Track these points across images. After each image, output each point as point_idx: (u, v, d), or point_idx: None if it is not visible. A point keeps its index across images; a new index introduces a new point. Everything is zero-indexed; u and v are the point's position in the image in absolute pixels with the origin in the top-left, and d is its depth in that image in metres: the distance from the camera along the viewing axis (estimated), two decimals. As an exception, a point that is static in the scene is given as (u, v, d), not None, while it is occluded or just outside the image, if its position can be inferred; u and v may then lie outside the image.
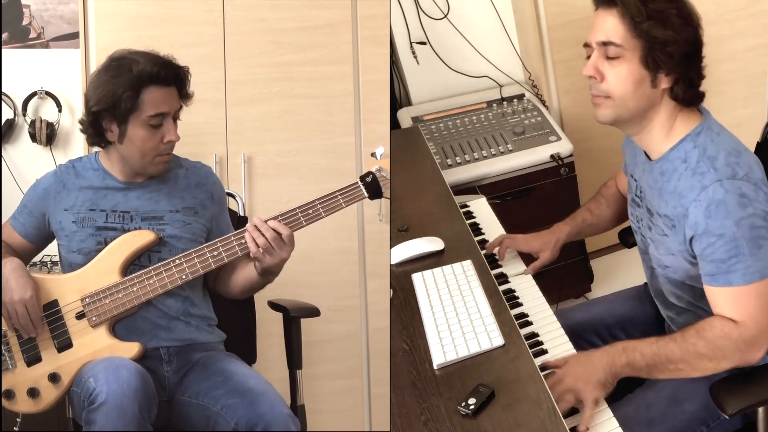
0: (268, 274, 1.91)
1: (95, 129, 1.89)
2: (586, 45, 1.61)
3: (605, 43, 1.55)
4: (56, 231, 1.94)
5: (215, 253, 1.87)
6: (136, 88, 1.82)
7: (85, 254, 1.89)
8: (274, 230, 1.82)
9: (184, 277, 1.86)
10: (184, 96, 1.92)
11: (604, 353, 1.56)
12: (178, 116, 1.92)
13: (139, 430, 1.65)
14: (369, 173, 1.90)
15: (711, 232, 1.50)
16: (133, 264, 1.89)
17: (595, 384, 1.50)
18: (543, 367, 1.60)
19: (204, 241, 1.96)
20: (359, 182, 1.90)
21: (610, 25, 1.54)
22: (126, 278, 1.86)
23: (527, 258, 2.04)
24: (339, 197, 1.89)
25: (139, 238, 1.89)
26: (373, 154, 1.94)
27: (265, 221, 1.84)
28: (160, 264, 1.86)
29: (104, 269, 1.87)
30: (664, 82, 1.56)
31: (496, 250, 2.06)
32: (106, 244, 1.89)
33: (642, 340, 1.57)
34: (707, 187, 1.50)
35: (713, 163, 1.52)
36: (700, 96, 1.60)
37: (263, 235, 1.82)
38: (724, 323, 1.53)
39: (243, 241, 1.86)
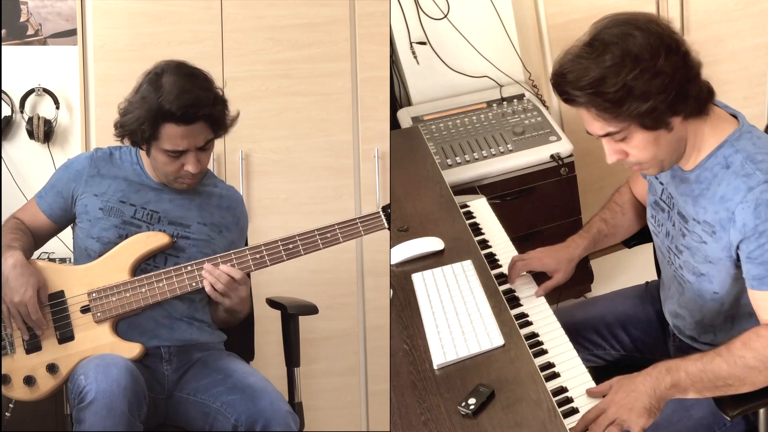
0: (234, 312, 1.93)
1: (129, 139, 1.88)
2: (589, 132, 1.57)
3: (606, 134, 1.51)
4: (79, 213, 1.92)
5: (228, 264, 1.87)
6: (154, 124, 1.77)
7: (104, 243, 1.88)
8: (228, 274, 1.83)
9: (194, 284, 1.86)
10: (218, 129, 1.86)
11: (647, 376, 1.48)
12: (207, 147, 1.85)
13: (128, 429, 1.65)
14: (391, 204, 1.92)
15: (762, 233, 1.46)
16: (146, 263, 1.88)
17: (640, 411, 1.44)
18: (589, 394, 1.54)
19: None
20: (380, 212, 1.91)
21: (594, 119, 1.49)
22: (135, 278, 1.85)
23: (537, 275, 1.97)
24: (359, 224, 1.90)
25: (152, 240, 1.88)
26: None
27: (216, 265, 1.85)
28: (171, 268, 1.86)
29: (114, 266, 1.86)
30: (677, 120, 1.50)
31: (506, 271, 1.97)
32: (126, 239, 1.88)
33: (685, 358, 1.50)
34: (754, 189, 1.46)
35: (758, 165, 1.49)
36: (709, 94, 1.52)
37: (219, 281, 1.83)
38: None
39: (257, 255, 1.86)
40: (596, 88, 1.43)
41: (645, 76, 1.41)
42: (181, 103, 1.75)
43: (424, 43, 2.98)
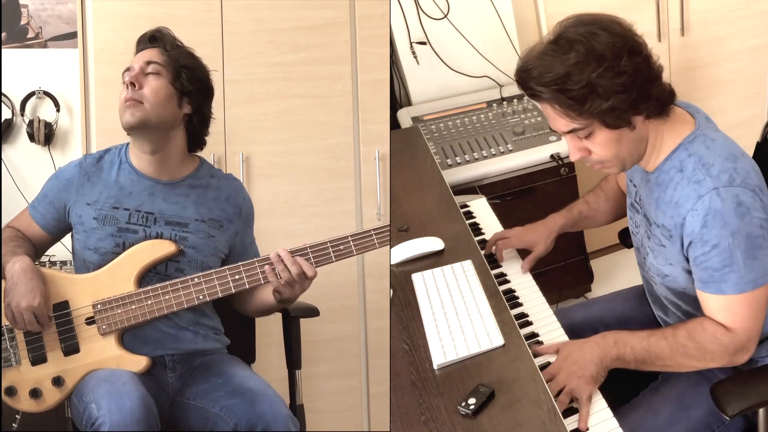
0: (287, 302, 1.89)
1: None
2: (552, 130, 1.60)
3: (571, 131, 1.52)
4: (74, 224, 1.89)
5: (236, 277, 1.83)
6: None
7: (102, 254, 1.84)
8: (300, 268, 1.79)
9: (201, 297, 1.82)
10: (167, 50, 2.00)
11: (595, 345, 1.59)
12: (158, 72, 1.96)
13: None
14: None
15: (707, 242, 1.48)
16: (148, 270, 1.85)
17: (588, 379, 1.53)
18: (536, 354, 1.63)
19: (224, 256, 1.93)
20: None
21: (559, 115, 1.50)
22: (141, 290, 1.81)
23: (524, 252, 2.03)
24: (373, 236, 1.87)
25: (158, 249, 1.84)
26: None
27: (292, 254, 1.80)
28: (178, 280, 1.82)
29: (120, 276, 1.82)
30: (639, 119, 1.52)
31: (494, 250, 2.06)
32: (125, 247, 1.84)
33: (633, 333, 1.60)
34: (703, 196, 1.48)
35: (709, 170, 1.50)
36: (670, 97, 1.54)
37: (288, 269, 1.79)
38: (716, 327, 1.53)
39: (267, 266, 1.81)
40: (560, 85, 1.45)
41: (608, 75, 1.43)
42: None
43: (424, 43, 2.98)
